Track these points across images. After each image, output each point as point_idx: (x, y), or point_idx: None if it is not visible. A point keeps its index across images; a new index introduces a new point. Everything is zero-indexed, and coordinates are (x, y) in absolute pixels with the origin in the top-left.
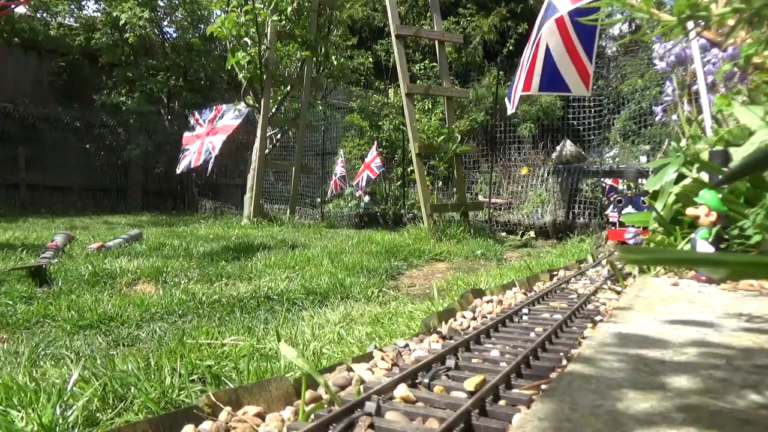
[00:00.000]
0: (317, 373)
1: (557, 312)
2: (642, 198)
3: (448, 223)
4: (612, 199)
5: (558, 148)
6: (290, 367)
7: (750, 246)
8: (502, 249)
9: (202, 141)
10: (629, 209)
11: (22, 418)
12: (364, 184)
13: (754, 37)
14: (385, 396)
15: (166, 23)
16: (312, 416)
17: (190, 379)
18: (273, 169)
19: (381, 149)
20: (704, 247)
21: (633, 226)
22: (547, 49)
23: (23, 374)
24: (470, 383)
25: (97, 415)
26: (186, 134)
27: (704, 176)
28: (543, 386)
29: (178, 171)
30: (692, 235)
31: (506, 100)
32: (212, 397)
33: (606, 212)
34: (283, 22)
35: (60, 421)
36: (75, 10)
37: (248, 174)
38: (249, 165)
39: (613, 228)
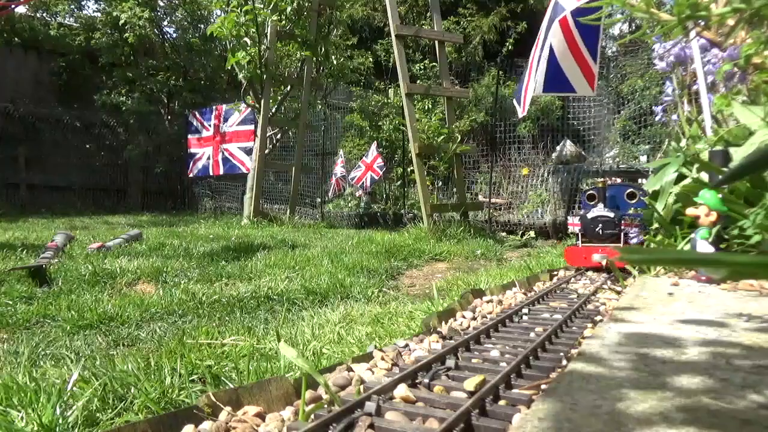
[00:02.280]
0: (317, 373)
1: (557, 312)
2: (629, 190)
3: (448, 223)
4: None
5: (558, 148)
6: (290, 367)
7: (750, 246)
8: (502, 249)
9: (216, 148)
10: (599, 210)
11: (22, 418)
12: (368, 184)
13: (754, 37)
14: (385, 396)
15: (166, 23)
16: (312, 416)
17: (190, 379)
18: (273, 169)
19: (381, 149)
20: (704, 247)
21: (633, 228)
22: (551, 49)
23: (23, 374)
24: (470, 383)
25: (97, 415)
26: (191, 137)
27: (704, 176)
28: (543, 386)
29: (191, 175)
30: (692, 235)
31: (515, 102)
32: (212, 397)
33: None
34: (283, 22)
35: (60, 421)
36: (75, 10)
37: (248, 174)
38: (249, 165)
39: (576, 244)
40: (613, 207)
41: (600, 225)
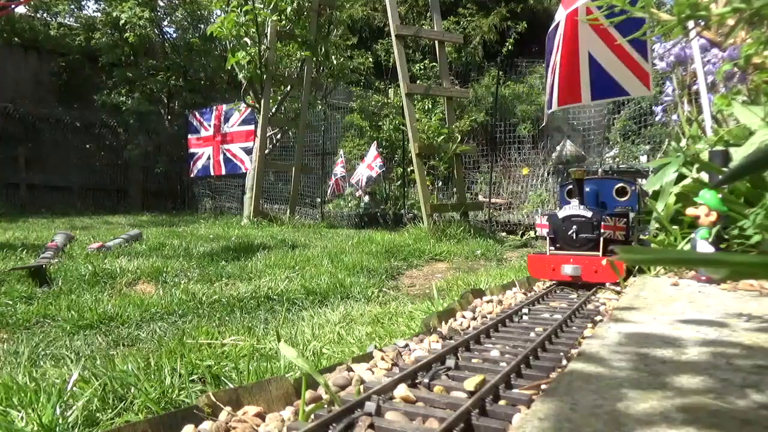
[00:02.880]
0: (317, 373)
1: (557, 312)
2: (619, 185)
3: (448, 223)
4: (559, 190)
5: (558, 148)
6: (290, 367)
7: (750, 246)
8: (502, 249)
9: (216, 148)
10: (573, 208)
11: (22, 418)
12: (364, 183)
13: (754, 37)
14: (385, 396)
15: (166, 23)
16: (312, 416)
17: (190, 379)
18: (273, 169)
19: (381, 149)
20: (704, 247)
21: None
22: (590, 57)
23: (23, 374)
24: (470, 383)
25: (97, 415)
26: (191, 137)
27: (704, 176)
28: (543, 386)
29: (192, 175)
30: (692, 235)
31: (546, 111)
32: (212, 397)
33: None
34: (283, 22)
35: (60, 421)
36: (75, 10)
37: (248, 174)
38: (249, 165)
39: (543, 251)
40: (596, 205)
41: (574, 227)
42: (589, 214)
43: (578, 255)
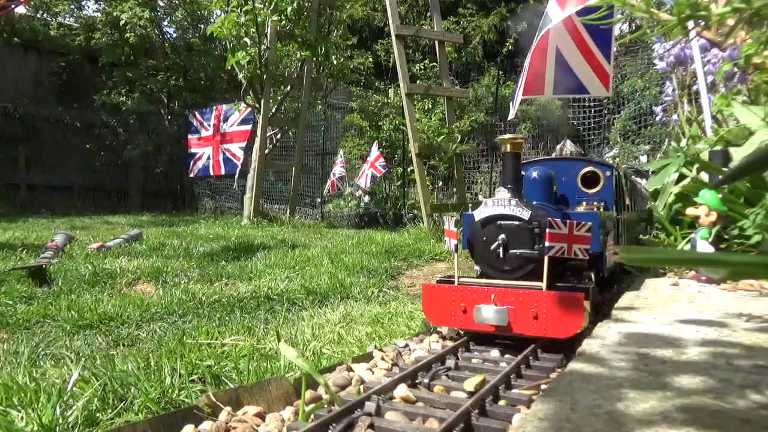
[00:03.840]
0: (317, 373)
1: None
2: (586, 169)
3: None
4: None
5: (558, 147)
6: (290, 367)
7: (750, 246)
8: None
9: (216, 148)
10: (499, 203)
11: (22, 418)
12: (369, 182)
13: (754, 37)
14: (385, 396)
15: (166, 23)
16: (312, 416)
17: (190, 379)
18: (273, 169)
19: (381, 149)
20: (704, 247)
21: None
22: (558, 52)
23: (23, 374)
24: (470, 383)
25: (97, 415)
26: (191, 137)
27: (704, 176)
28: (543, 386)
29: (192, 175)
30: (692, 235)
31: (511, 103)
32: (212, 397)
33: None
34: (283, 22)
35: (60, 421)
36: (75, 10)
37: (248, 174)
38: (249, 165)
39: (448, 277)
40: (549, 200)
41: (500, 237)
42: (525, 214)
43: (506, 287)
